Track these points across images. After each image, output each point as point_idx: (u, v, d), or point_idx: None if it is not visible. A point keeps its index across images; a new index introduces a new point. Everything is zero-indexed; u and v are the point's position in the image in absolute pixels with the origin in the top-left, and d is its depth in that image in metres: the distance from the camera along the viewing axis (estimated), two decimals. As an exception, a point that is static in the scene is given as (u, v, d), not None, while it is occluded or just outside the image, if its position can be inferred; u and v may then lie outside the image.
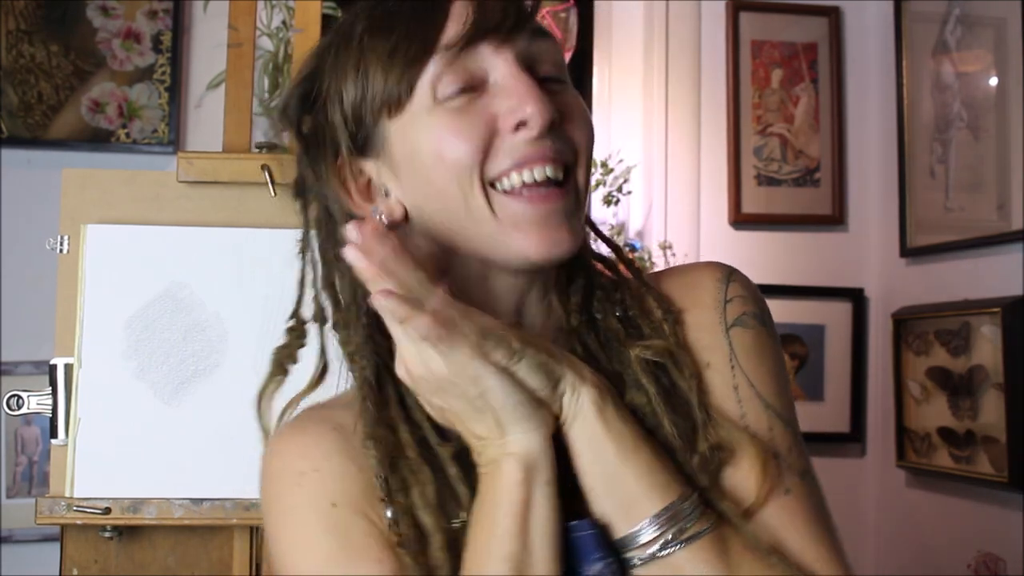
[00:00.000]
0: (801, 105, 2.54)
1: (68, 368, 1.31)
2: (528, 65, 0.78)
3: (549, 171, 0.77)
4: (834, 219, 2.53)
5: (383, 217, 0.82)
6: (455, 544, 0.75)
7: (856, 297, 2.51)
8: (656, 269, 2.39)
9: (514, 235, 0.78)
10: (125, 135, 2.26)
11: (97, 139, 2.25)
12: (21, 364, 2.14)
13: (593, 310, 0.85)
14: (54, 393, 1.31)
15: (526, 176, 0.77)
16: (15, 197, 2.19)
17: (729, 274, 0.88)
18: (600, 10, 2.67)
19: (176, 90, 2.27)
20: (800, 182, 2.53)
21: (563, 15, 2.33)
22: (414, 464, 0.78)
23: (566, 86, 0.81)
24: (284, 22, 2.19)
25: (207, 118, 2.28)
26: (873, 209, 2.54)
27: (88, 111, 2.24)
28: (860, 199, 2.55)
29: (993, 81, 2.15)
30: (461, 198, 0.78)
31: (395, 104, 0.79)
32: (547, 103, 0.76)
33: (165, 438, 1.30)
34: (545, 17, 2.10)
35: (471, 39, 0.77)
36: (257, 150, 1.47)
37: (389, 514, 0.77)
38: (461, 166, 0.77)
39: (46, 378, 1.32)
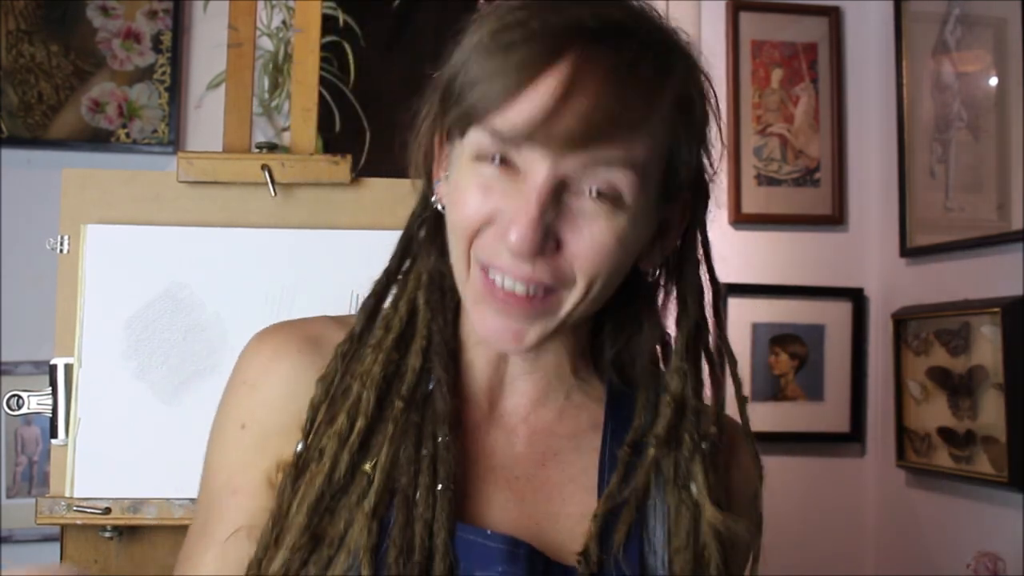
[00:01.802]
0: (801, 105, 2.54)
1: (68, 368, 1.31)
2: (565, 182, 0.75)
3: (518, 287, 0.78)
4: (834, 219, 2.53)
5: (438, 201, 0.86)
6: (336, 481, 0.78)
7: (856, 297, 2.51)
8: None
9: (473, 308, 0.81)
10: (125, 135, 2.25)
11: (97, 139, 2.25)
12: (21, 364, 2.14)
13: (683, 446, 0.85)
14: (54, 393, 1.31)
15: (499, 279, 0.78)
16: (15, 197, 2.19)
17: (761, 476, 0.92)
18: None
19: (176, 90, 2.27)
20: (800, 182, 2.53)
21: (563, 15, 2.33)
22: (363, 402, 0.81)
23: (608, 209, 0.76)
24: (284, 22, 2.19)
25: (207, 118, 2.27)
26: (873, 209, 2.54)
27: (88, 111, 2.24)
28: (860, 199, 2.55)
29: (993, 81, 2.15)
30: (456, 255, 0.82)
31: (463, 128, 0.79)
32: (536, 239, 0.74)
33: (165, 438, 1.30)
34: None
35: (512, 138, 0.75)
36: (257, 150, 1.47)
37: (299, 447, 0.81)
38: (458, 231, 0.80)
39: (46, 378, 1.32)
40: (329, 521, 0.78)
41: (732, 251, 2.49)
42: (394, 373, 0.83)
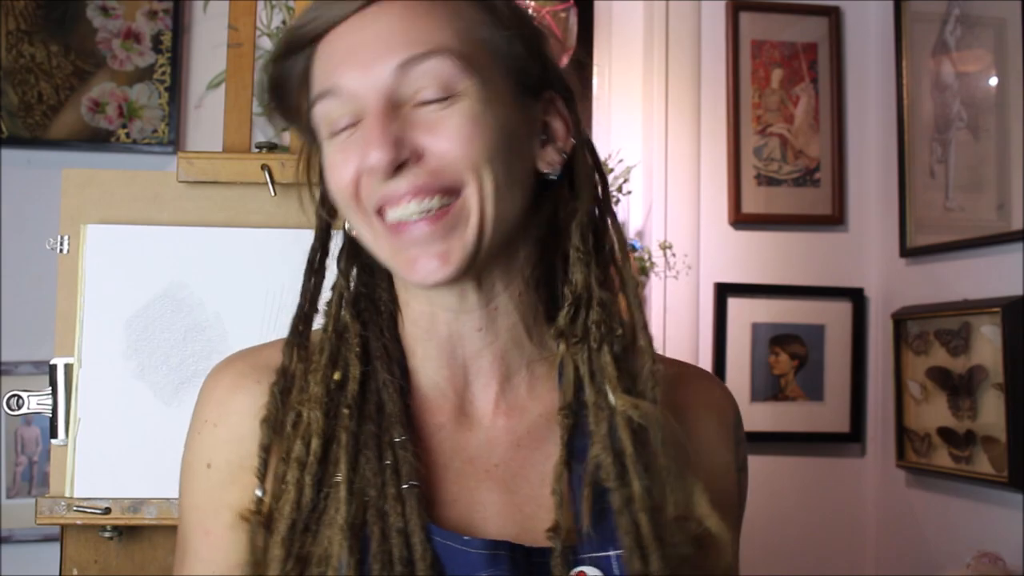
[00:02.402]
0: (801, 105, 2.54)
1: (68, 368, 1.31)
2: (394, 96, 0.79)
3: (412, 206, 0.78)
4: (834, 219, 2.53)
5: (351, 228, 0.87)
6: (304, 506, 0.78)
7: (856, 297, 2.51)
8: (657, 270, 2.39)
9: (393, 259, 0.82)
10: (125, 135, 2.26)
11: (97, 139, 2.25)
12: (21, 364, 2.14)
13: (590, 337, 0.84)
14: (54, 393, 1.31)
15: (396, 214, 0.79)
16: (15, 197, 2.19)
17: (738, 411, 0.93)
18: (600, 10, 2.67)
19: (176, 90, 2.27)
20: (800, 182, 2.53)
21: (563, 15, 2.33)
22: (312, 423, 0.81)
23: (448, 104, 0.79)
24: (284, 22, 2.19)
25: (207, 118, 2.28)
26: (873, 209, 2.54)
27: (88, 111, 2.24)
28: (860, 199, 2.55)
29: (993, 81, 2.15)
30: (358, 224, 0.83)
31: (308, 116, 0.85)
32: (387, 146, 0.77)
33: (165, 438, 1.30)
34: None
35: (330, 80, 0.80)
36: (257, 150, 1.47)
37: (259, 492, 0.81)
38: (343, 202, 0.83)
39: (46, 378, 1.32)
40: (312, 541, 0.78)
41: (732, 251, 2.50)
42: (338, 388, 0.83)
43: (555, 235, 0.87)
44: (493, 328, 0.85)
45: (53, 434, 1.31)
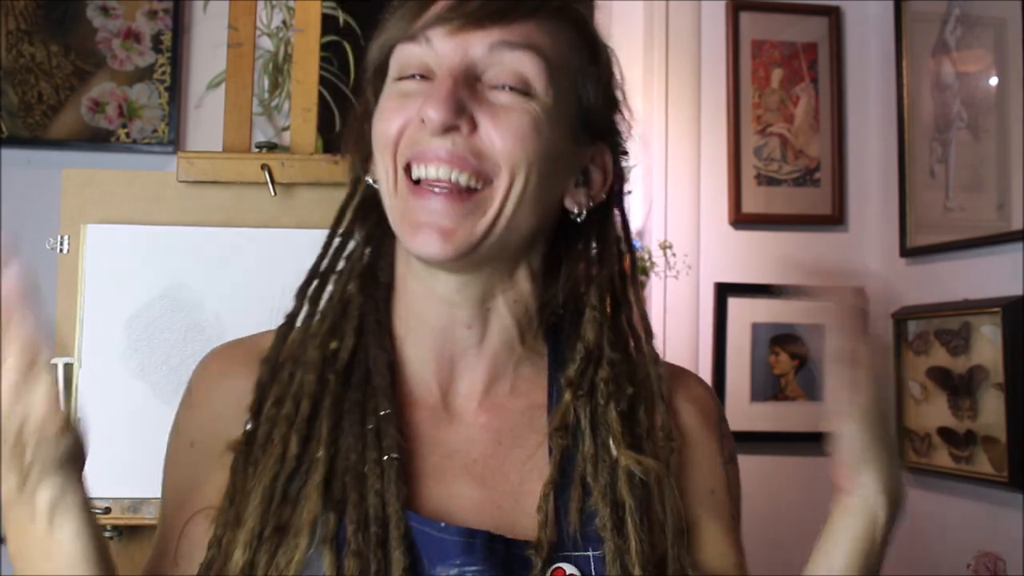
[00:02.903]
0: (801, 105, 2.54)
1: (68, 368, 1.31)
2: (476, 69, 0.80)
3: (441, 172, 0.79)
4: (834, 219, 2.53)
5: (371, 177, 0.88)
6: (288, 461, 0.79)
7: (856, 297, 2.51)
8: (657, 270, 2.39)
9: (400, 222, 0.82)
10: (125, 135, 2.25)
11: (97, 139, 2.25)
12: (21, 364, 2.14)
13: (598, 392, 0.85)
14: (54, 393, 1.31)
15: (423, 171, 0.80)
16: (15, 197, 2.19)
17: (720, 406, 0.95)
18: (600, 10, 2.67)
19: (176, 90, 2.27)
20: (800, 182, 2.53)
21: (563, 15, 2.33)
22: (305, 384, 0.82)
23: (521, 99, 0.80)
24: (284, 22, 2.19)
25: (207, 118, 2.27)
26: (873, 209, 2.54)
27: (88, 111, 2.24)
28: (860, 199, 2.55)
29: (993, 81, 2.15)
30: (383, 173, 0.83)
31: (380, 74, 0.86)
32: (449, 107, 0.78)
33: (165, 438, 1.30)
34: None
35: (423, 29, 0.81)
36: (257, 150, 1.47)
37: (249, 426, 0.83)
38: (381, 144, 0.83)
39: (46, 378, 1.32)
40: (292, 511, 0.78)
41: (732, 251, 2.49)
42: (332, 356, 0.85)
43: (566, 266, 0.89)
44: (484, 327, 0.86)
45: (53, 434, 1.31)
